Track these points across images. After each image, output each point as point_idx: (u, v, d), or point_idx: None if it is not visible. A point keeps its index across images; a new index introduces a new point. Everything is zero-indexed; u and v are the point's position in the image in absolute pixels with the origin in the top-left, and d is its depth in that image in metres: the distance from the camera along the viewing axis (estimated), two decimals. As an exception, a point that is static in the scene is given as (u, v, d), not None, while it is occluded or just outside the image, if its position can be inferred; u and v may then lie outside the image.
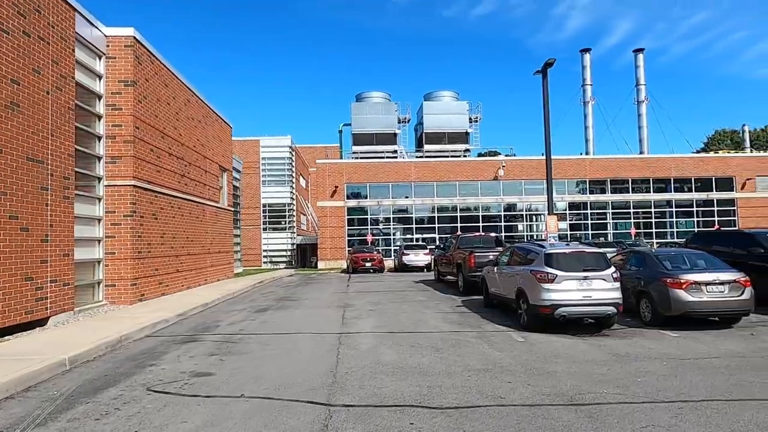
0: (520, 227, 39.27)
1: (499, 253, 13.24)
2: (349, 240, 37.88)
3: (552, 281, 9.97)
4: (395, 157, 42.28)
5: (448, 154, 42.49)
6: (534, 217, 39.82)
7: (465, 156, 42.82)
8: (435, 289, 18.19)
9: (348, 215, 38.10)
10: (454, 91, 45.00)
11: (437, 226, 37.71)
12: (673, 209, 39.61)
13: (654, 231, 39.28)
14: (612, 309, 9.95)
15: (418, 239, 37.40)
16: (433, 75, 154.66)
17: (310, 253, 45.65)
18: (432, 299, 15.45)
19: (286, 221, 47.39)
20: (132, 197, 13.97)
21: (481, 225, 37.43)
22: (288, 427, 5.05)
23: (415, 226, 38.13)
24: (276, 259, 45.84)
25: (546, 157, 17.67)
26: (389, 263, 35.15)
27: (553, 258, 10.30)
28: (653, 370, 7.19)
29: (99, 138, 13.71)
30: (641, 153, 47.37)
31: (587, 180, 39.22)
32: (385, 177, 37.84)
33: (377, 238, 38.40)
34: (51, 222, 10.64)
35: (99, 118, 13.74)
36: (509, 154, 41.87)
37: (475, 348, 8.70)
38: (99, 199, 13.64)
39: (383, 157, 41.87)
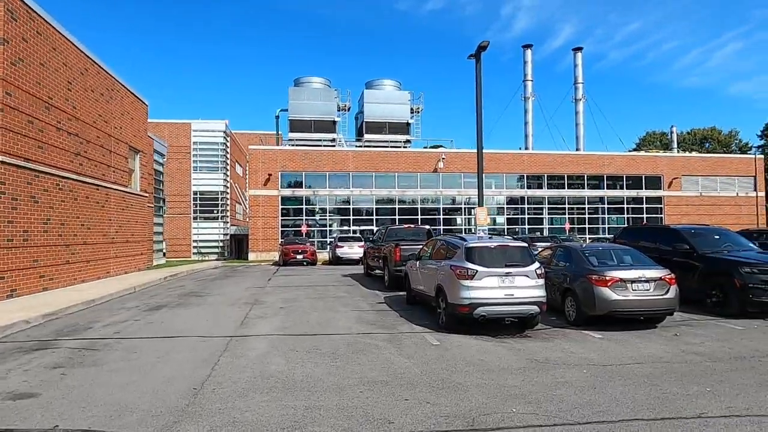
0: (459, 221, 38.94)
1: (422, 246, 12.26)
2: (283, 231, 36.17)
3: (471, 277, 9.04)
4: (334, 146, 40.82)
5: (388, 144, 41.50)
6: (473, 211, 39.58)
7: (406, 147, 41.98)
8: (361, 284, 17.08)
9: (282, 205, 36.34)
10: (396, 81, 43.97)
11: (375, 218, 36.68)
12: (606, 205, 40.56)
13: (587, 226, 40.08)
14: (535, 308, 9.15)
15: (355, 231, 36.24)
16: (377, 65, 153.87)
17: (246, 245, 43.50)
18: (353, 295, 14.31)
19: (219, 210, 44.84)
20: None
21: (420, 218, 36.76)
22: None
23: (353, 217, 36.93)
24: (207, 251, 43.31)
25: (477, 147, 16.93)
26: (324, 256, 33.80)
27: (474, 252, 9.37)
28: (572, 380, 6.34)
29: (-42, 104, 11.54)
30: (577, 150, 48.36)
31: (525, 175, 39.40)
32: (323, 166, 36.35)
33: (313, 229, 36.91)
34: None
35: (-41, 80, 11.56)
36: (449, 147, 41.38)
37: (382, 354, 7.60)
38: (-43, 177, 11.50)
39: (321, 146, 40.31)
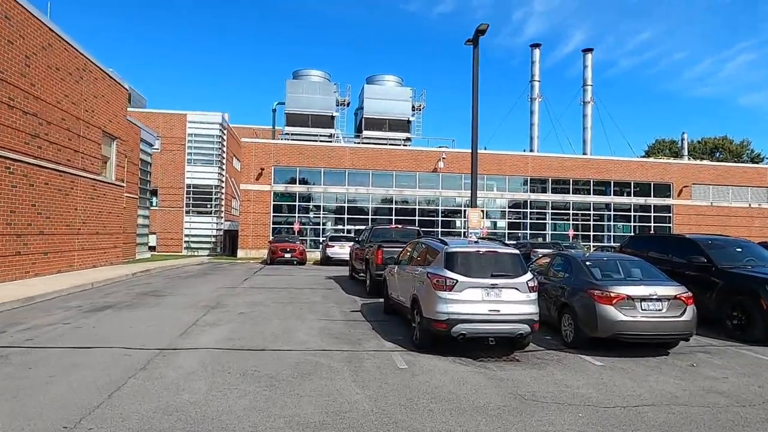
0: (458, 223, 37.46)
1: (402, 249, 10.81)
2: (275, 228, 34.82)
3: (451, 288, 7.60)
4: (331, 142, 39.44)
5: (388, 142, 40.08)
6: (466, 213, 38.09)
7: (405, 145, 40.55)
8: (342, 288, 15.67)
9: (275, 201, 34.98)
10: (398, 77, 42.54)
11: (371, 217, 35.25)
12: (612, 212, 38.99)
13: (592, 234, 38.51)
14: (524, 327, 7.70)
15: (350, 231, 34.84)
16: (381, 63, 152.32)
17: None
18: (328, 301, 12.90)
19: (212, 205, 43.62)
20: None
21: (418, 219, 35.35)
22: None
23: (348, 216, 35.53)
24: (198, 245, 42.06)
25: (472, 138, 15.47)
26: (316, 255, 32.42)
27: (456, 259, 7.93)
28: (563, 429, 4.90)
29: None
30: (584, 154, 46.79)
31: (529, 178, 37.89)
32: (318, 162, 34.98)
33: (306, 227, 35.55)
34: None
35: None
36: (451, 147, 39.90)
37: (333, 380, 6.19)
38: None
39: (318, 141, 38.92)
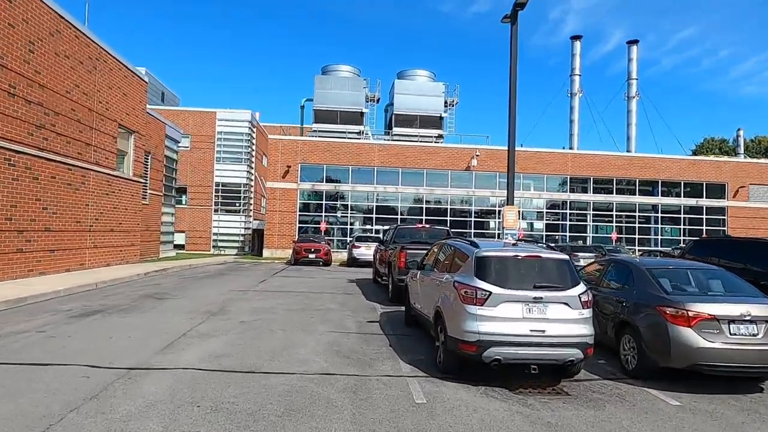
0: (492, 225, 35.60)
1: (428, 250, 9.31)
2: (301, 227, 33.83)
3: (482, 302, 6.10)
4: (359, 139, 38.20)
5: (419, 139, 38.56)
6: (502, 211, 36.12)
7: (437, 143, 38.93)
8: (363, 293, 14.29)
9: (301, 199, 34.01)
10: (430, 72, 40.94)
11: (400, 217, 33.82)
12: (659, 214, 36.30)
13: (637, 237, 35.95)
14: (576, 353, 6.12)
15: (377, 231, 33.49)
16: (412, 60, 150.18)
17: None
18: (345, 308, 11.53)
19: (241, 203, 43.11)
20: None
21: (449, 220, 33.69)
22: None
23: (376, 216, 34.20)
24: (225, 245, 41.58)
25: (509, 129, 13.78)
26: (343, 256, 31.23)
27: (489, 265, 6.41)
28: None
29: None
30: (628, 152, 44.04)
31: (568, 177, 35.65)
32: (346, 159, 33.78)
33: (333, 227, 34.43)
34: None
35: None
36: (485, 144, 38.07)
37: (327, 421, 4.79)
38: None
39: (346, 138, 37.75)
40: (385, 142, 37.02)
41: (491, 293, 6.11)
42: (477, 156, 34.07)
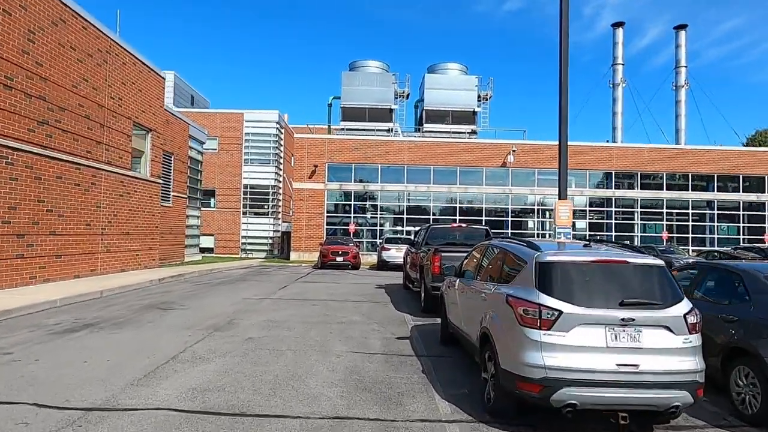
0: (530, 224, 33.50)
1: (468, 254, 7.66)
2: (329, 229, 32.57)
3: (549, 325, 4.45)
4: (389, 136, 36.69)
5: (451, 135, 36.76)
6: (548, 213, 33.95)
7: (470, 138, 37.03)
8: (392, 302, 12.74)
9: (329, 200, 32.75)
10: (462, 65, 39.07)
11: (432, 217, 32.12)
12: (715, 211, 33.38)
13: (690, 236, 33.14)
14: (683, 395, 4.38)
15: (408, 232, 31.90)
16: (443, 56, 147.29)
17: (296, 243, 40.46)
18: (371, 320, 10.00)
19: (269, 205, 42.25)
20: None
21: (484, 219, 31.79)
22: None
23: (407, 216, 32.62)
24: (253, 248, 40.76)
25: (560, 114, 12.00)
26: (372, 259, 29.78)
27: (556, 273, 4.73)
28: None
29: None
30: (677, 144, 41.01)
31: (613, 172, 33.18)
32: (375, 157, 32.34)
33: (362, 228, 33.03)
34: None
35: None
36: (521, 138, 35.90)
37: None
38: None
39: (375, 136, 36.31)
40: (416, 139, 35.38)
41: (561, 313, 4.45)
42: (513, 152, 32.07)
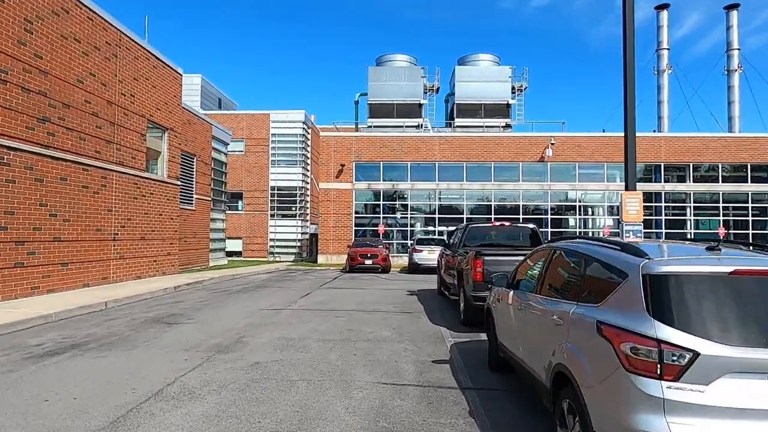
0: (571, 222, 31.38)
1: (523, 260, 6.08)
2: (358, 230, 31.28)
3: (678, 374, 2.86)
4: (418, 132, 35.13)
5: (484, 130, 34.93)
6: (590, 210, 31.75)
7: (505, 132, 35.09)
8: (426, 312, 11.22)
9: (357, 200, 31.44)
10: (494, 55, 37.16)
11: (465, 216, 30.41)
12: (778, 205, 30.49)
13: (750, 232, 30.34)
14: None
15: (441, 233, 30.28)
16: (474, 49, 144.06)
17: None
18: (402, 337, 8.51)
19: (296, 207, 41.32)
20: None
21: (522, 218, 29.86)
22: None
23: (438, 216, 31.00)
24: (281, 251, 39.86)
25: (625, 92, 10.20)
26: (403, 261, 28.31)
27: (680, 290, 3.12)
28: None
29: None
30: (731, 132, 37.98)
31: (662, 164, 30.69)
32: (404, 155, 30.86)
33: (392, 229, 31.58)
34: None
35: None
36: (560, 131, 33.76)
37: None
38: None
39: (403, 132, 34.80)
40: (446, 134, 33.68)
41: (697, 355, 2.86)
42: (552, 145, 30.05)
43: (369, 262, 23.57)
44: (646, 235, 29.95)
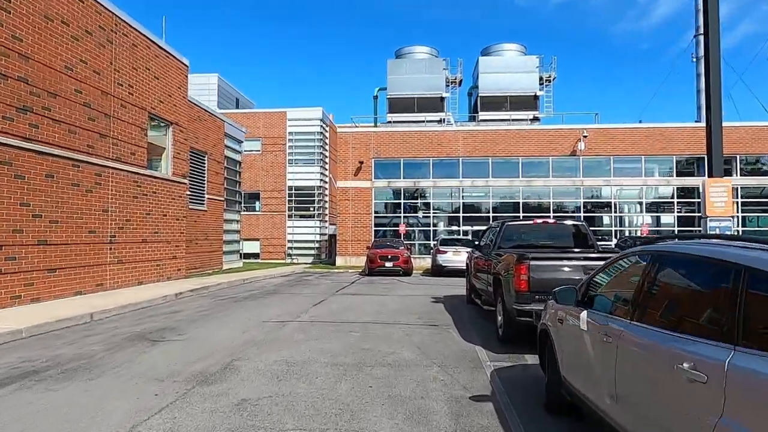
0: (606, 220, 29.31)
1: (604, 267, 4.43)
2: (377, 230, 29.77)
3: None
4: (440, 126, 33.43)
5: (510, 124, 33.06)
6: (627, 207, 29.62)
7: (533, 125, 33.15)
8: (455, 324, 9.63)
9: (376, 199, 29.93)
10: (520, 44, 35.22)
11: (492, 215, 28.63)
12: (836, 199, 27.90)
13: (806, 229, 27.84)
14: None
15: (465, 233, 28.58)
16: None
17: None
18: (429, 359, 6.94)
19: (315, 207, 40.05)
20: None
21: (552, 216, 27.92)
22: None
23: (463, 214, 29.28)
24: (299, 252, 38.62)
25: (707, 76, 8.31)
26: (426, 262, 26.72)
27: None
28: None
29: None
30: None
31: (705, 157, 28.30)
32: (426, 151, 29.24)
33: (413, 229, 29.98)
34: None
35: None
36: (593, 123, 31.65)
37: None
38: None
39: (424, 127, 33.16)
40: (470, 128, 31.91)
41: None
42: (584, 137, 28.04)
43: (389, 264, 22.06)
44: (685, 236, 27.79)
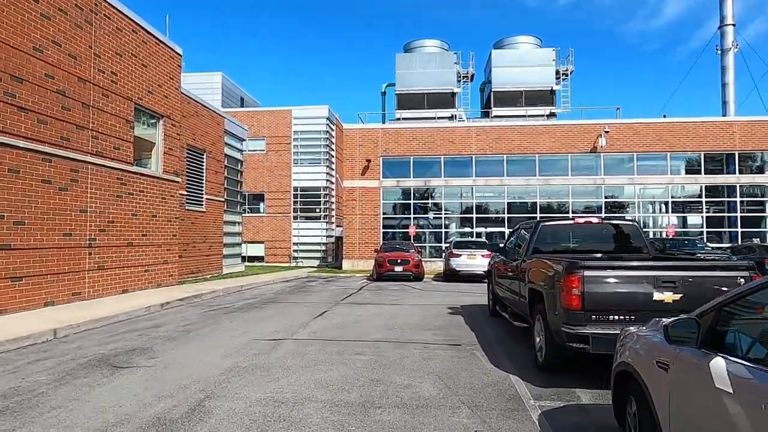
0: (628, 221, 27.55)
1: (744, 291, 2.92)
2: (386, 232, 28.28)
3: None
4: (451, 122, 31.90)
5: (525, 120, 31.46)
6: (651, 207, 27.92)
7: (550, 121, 31.55)
8: (480, 343, 8.11)
9: (385, 199, 28.46)
10: (535, 37, 33.62)
11: (507, 216, 27.06)
12: None
13: None
14: None
15: (479, 234, 27.03)
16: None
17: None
18: (455, 397, 5.43)
19: (320, 209, 38.64)
20: None
21: (598, 215, 26.27)
22: None
23: (476, 215, 27.72)
24: (304, 255, 37.21)
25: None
26: (437, 266, 25.21)
27: None
28: None
29: None
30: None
31: (736, 153, 26.60)
32: (437, 148, 27.73)
33: (424, 231, 28.46)
34: None
35: None
36: (614, 118, 29.95)
37: None
38: None
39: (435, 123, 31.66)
40: (483, 124, 30.36)
41: None
42: (606, 133, 26.39)
43: (399, 269, 20.57)
44: (715, 237, 26.04)
